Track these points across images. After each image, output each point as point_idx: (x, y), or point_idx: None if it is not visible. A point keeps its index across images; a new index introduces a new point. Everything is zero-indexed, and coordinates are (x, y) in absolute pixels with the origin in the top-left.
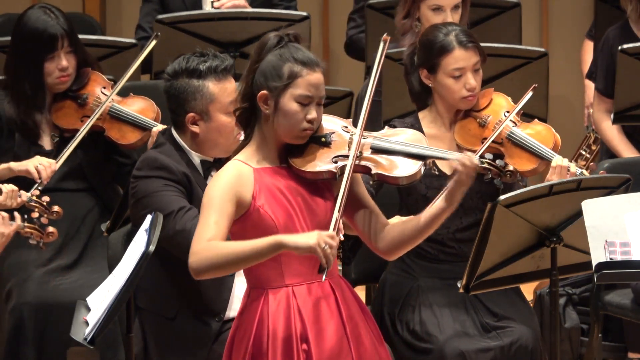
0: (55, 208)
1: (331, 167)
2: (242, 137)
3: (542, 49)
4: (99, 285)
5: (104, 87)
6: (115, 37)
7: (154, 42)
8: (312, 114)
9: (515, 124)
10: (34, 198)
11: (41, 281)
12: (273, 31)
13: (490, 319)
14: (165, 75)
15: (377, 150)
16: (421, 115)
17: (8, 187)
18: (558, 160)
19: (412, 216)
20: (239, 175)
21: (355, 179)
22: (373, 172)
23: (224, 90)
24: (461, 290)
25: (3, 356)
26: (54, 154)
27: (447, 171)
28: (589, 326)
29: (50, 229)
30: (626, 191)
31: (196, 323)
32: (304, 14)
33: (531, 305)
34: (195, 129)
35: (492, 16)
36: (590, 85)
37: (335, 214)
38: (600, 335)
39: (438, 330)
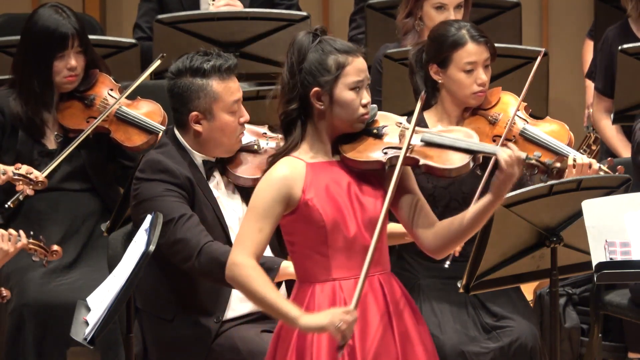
0: (55, 247)
1: (381, 157)
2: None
3: (542, 49)
4: (99, 285)
5: (112, 89)
6: (115, 37)
7: (158, 62)
8: (366, 97)
9: (527, 122)
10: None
11: (41, 282)
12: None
13: (490, 319)
14: (169, 74)
15: (427, 143)
16: (427, 114)
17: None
18: (578, 159)
19: (457, 215)
20: (290, 172)
21: (407, 174)
22: (421, 163)
23: (228, 90)
24: (461, 290)
25: (3, 357)
26: (57, 154)
27: None
28: (589, 326)
29: (55, 247)
30: (626, 191)
31: (195, 324)
32: (304, 14)
33: (531, 305)
34: (198, 128)
35: (492, 16)
36: (590, 85)
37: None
38: (600, 335)
39: (438, 330)
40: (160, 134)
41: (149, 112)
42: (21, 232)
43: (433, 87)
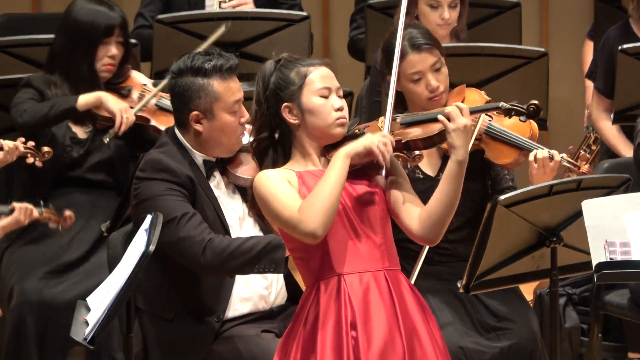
0: (67, 213)
1: None
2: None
3: (542, 49)
4: (99, 285)
5: (145, 84)
6: None
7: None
8: (337, 102)
9: (491, 118)
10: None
11: (42, 280)
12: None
13: (489, 319)
14: (170, 73)
15: (407, 124)
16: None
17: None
18: (538, 154)
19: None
20: (283, 171)
21: (397, 170)
22: (403, 141)
23: (229, 90)
24: (461, 290)
25: (5, 355)
26: (86, 143)
27: (431, 173)
28: (589, 326)
29: (68, 212)
30: (626, 191)
31: (195, 323)
32: (304, 14)
33: (531, 305)
34: (198, 127)
35: (492, 16)
36: (590, 85)
37: (388, 114)
38: (600, 335)
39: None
40: None
41: None
42: (33, 207)
43: (400, 93)
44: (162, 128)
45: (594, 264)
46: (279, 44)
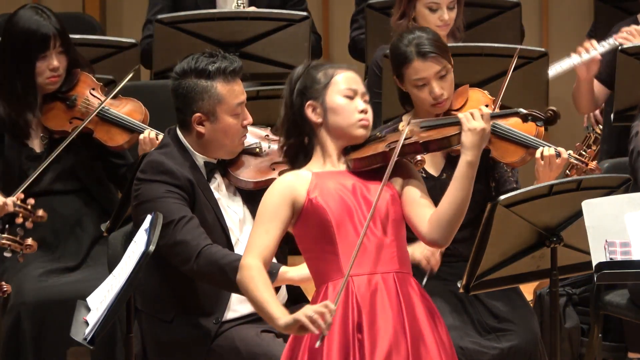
0: (29, 241)
1: (385, 149)
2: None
3: (542, 49)
4: (98, 284)
5: (93, 89)
6: (115, 37)
7: (131, 74)
8: (362, 104)
9: None
10: (18, 202)
11: (38, 280)
12: None
13: (490, 320)
14: (174, 74)
15: (426, 127)
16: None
17: None
18: (545, 151)
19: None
20: (294, 178)
21: (407, 169)
22: (420, 142)
23: (232, 92)
24: (461, 290)
25: (2, 356)
26: (44, 156)
27: (434, 172)
28: (589, 326)
29: (29, 241)
30: (626, 191)
31: (194, 325)
32: (304, 14)
33: (531, 305)
34: (201, 129)
35: (492, 16)
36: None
37: (345, 278)
38: (600, 335)
39: None
40: (146, 133)
41: (130, 110)
42: None
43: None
44: (105, 142)
45: (594, 264)
46: (279, 44)
